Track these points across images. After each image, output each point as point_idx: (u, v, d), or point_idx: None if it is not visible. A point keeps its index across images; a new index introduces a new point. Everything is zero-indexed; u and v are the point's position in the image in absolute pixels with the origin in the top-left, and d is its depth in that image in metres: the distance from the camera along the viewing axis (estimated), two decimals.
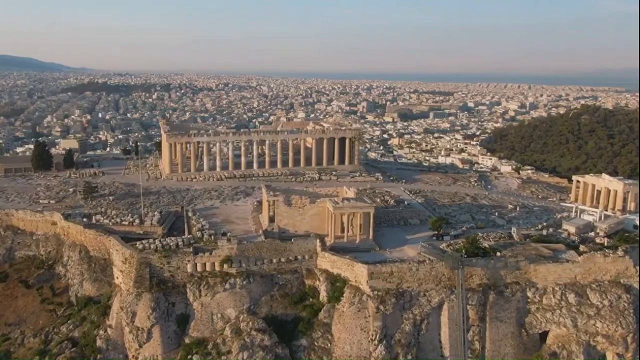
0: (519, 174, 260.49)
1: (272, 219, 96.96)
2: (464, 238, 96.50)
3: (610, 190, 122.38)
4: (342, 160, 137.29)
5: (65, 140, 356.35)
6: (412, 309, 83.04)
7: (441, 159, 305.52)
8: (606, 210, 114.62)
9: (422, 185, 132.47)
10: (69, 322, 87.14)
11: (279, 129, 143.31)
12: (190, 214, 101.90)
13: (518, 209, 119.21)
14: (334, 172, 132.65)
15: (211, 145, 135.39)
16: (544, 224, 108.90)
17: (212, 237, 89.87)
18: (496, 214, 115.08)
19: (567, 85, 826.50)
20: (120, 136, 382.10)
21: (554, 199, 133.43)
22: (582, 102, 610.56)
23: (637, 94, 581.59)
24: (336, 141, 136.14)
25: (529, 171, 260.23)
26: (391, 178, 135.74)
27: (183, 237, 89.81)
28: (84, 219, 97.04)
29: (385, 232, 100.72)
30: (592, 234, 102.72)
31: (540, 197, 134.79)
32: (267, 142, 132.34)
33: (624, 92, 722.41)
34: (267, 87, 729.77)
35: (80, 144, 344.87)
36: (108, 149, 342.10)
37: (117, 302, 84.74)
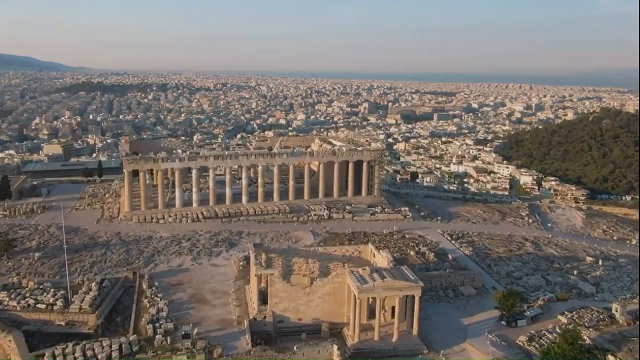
0: (541, 185, 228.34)
1: (264, 298, 62.16)
2: (547, 322, 63.33)
3: None
4: (357, 190, 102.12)
5: (48, 145, 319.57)
6: None
7: (453, 167, 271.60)
8: None
9: (463, 225, 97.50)
10: None
11: (275, 148, 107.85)
12: (144, 286, 66.93)
13: (600, 262, 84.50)
14: (347, 207, 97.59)
15: (189, 168, 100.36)
16: None
17: (168, 339, 54.96)
18: (575, 272, 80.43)
19: (569, 86, 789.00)
20: (109, 140, 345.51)
21: (634, 241, 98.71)
22: (587, 102, 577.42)
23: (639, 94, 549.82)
24: (350, 165, 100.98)
25: (553, 182, 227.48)
26: (422, 214, 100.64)
27: (121, 339, 54.72)
28: None
29: (431, 312, 65.94)
30: None
31: (615, 238, 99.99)
32: (260, 167, 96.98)
33: (627, 92, 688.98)
34: (266, 87, 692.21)
35: (65, 149, 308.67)
36: (95, 154, 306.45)
37: None
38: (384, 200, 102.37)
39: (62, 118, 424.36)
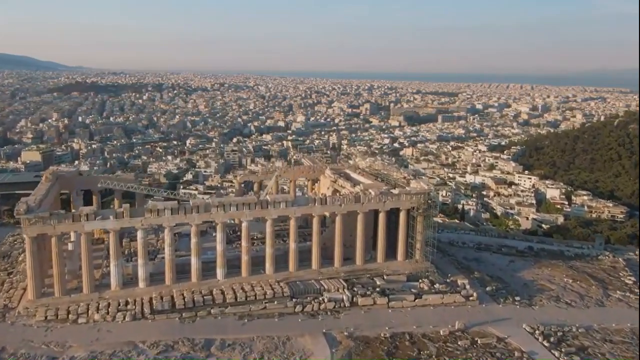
0: (571, 200, 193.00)
1: None
2: None
3: None
4: (391, 253, 65.94)
5: (26, 151, 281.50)
6: None
7: (469, 177, 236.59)
8: None
9: (555, 310, 61.37)
10: None
11: (269, 189, 71.45)
12: None
13: None
14: (378, 282, 61.65)
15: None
16: None
17: None
18: None
19: (570, 86, 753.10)
20: (95, 145, 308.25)
21: None
22: (592, 103, 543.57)
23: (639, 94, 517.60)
24: (381, 215, 65.02)
25: (585, 197, 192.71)
26: (487, 289, 64.59)
27: None
28: None
29: None
30: None
31: None
32: (244, 223, 60.82)
33: (629, 92, 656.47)
34: (264, 87, 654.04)
35: (45, 157, 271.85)
36: (77, 162, 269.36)
37: None
38: (431, 266, 66.09)
39: (49, 120, 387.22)
